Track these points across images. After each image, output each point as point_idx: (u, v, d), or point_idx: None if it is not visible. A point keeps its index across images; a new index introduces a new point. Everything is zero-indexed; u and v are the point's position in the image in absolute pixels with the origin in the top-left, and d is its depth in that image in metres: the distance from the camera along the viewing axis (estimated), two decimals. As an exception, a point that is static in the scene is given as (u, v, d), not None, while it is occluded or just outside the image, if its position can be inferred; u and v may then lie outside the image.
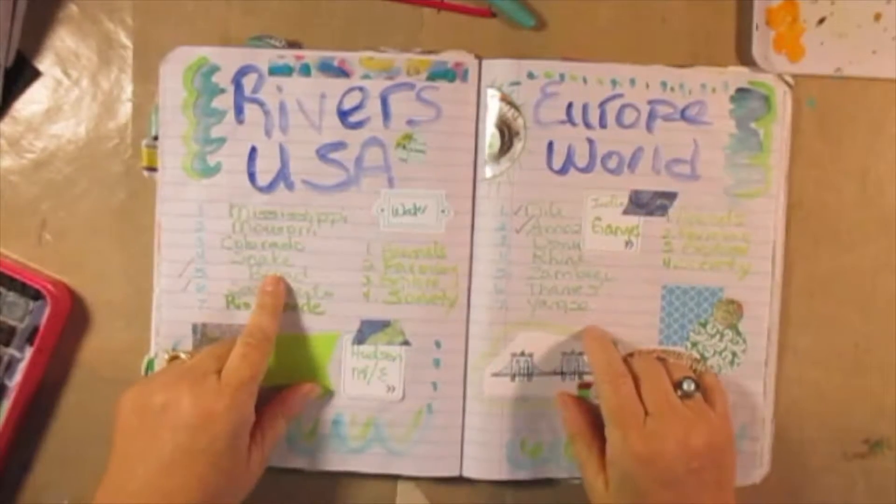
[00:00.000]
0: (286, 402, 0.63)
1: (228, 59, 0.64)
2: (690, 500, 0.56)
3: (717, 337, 0.65)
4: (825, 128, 0.66)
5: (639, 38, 0.66)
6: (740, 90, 0.65)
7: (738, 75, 0.65)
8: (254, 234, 0.64)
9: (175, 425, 0.55)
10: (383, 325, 0.65)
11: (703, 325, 0.65)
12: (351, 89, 0.64)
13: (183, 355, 0.61)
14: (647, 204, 0.65)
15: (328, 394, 0.65)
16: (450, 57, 0.64)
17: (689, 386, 0.59)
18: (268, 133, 0.64)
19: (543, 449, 0.65)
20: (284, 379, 0.65)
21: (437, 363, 0.65)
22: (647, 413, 0.58)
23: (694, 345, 0.65)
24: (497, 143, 0.64)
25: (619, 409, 0.58)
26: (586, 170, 0.64)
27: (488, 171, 0.64)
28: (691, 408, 0.58)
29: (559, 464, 0.65)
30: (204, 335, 0.65)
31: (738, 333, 0.65)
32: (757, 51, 0.64)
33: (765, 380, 0.65)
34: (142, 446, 0.55)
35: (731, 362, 0.65)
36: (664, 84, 0.64)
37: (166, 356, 0.63)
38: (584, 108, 0.64)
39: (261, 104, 0.64)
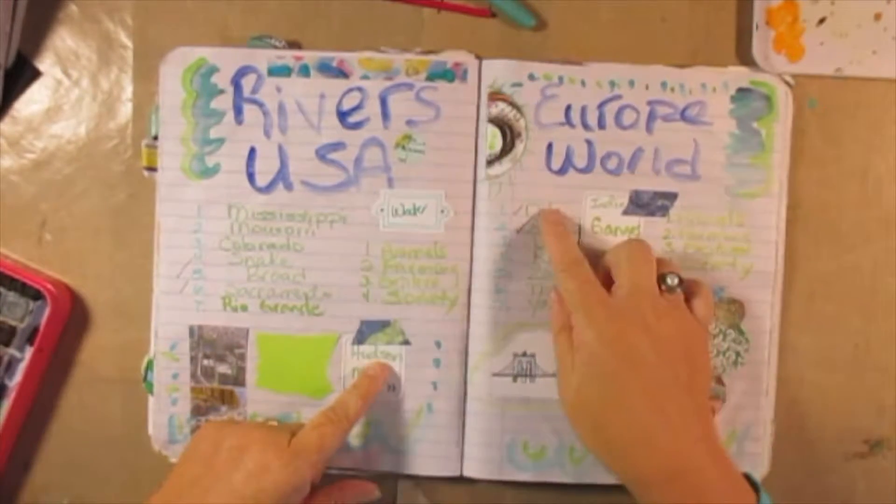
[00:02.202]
0: (343, 490, 0.63)
1: (227, 60, 0.64)
2: (662, 391, 0.54)
3: (721, 336, 0.65)
4: (826, 128, 0.66)
5: (639, 38, 0.66)
6: (741, 90, 0.65)
7: (739, 75, 0.65)
8: (252, 235, 0.64)
9: (233, 465, 0.55)
10: (383, 325, 0.65)
11: (705, 324, 0.65)
12: (350, 90, 0.64)
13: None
14: (647, 204, 0.65)
15: (384, 499, 0.66)
16: (449, 57, 0.64)
17: (672, 280, 0.58)
18: (267, 134, 0.64)
19: (548, 452, 0.65)
20: (283, 380, 0.65)
21: (437, 363, 0.65)
22: (617, 295, 0.57)
23: (696, 344, 0.65)
24: (498, 144, 0.64)
25: (577, 292, 0.57)
26: (585, 170, 0.64)
27: (489, 171, 0.64)
28: (668, 300, 0.57)
29: (564, 469, 0.65)
30: (201, 337, 0.65)
31: (741, 333, 0.65)
32: (757, 51, 0.64)
33: (766, 380, 0.65)
34: (197, 473, 0.56)
35: (735, 362, 0.65)
36: (664, 84, 0.64)
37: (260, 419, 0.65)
38: (583, 110, 0.64)
39: (260, 105, 0.64)
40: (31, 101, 0.66)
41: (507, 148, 0.64)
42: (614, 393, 0.54)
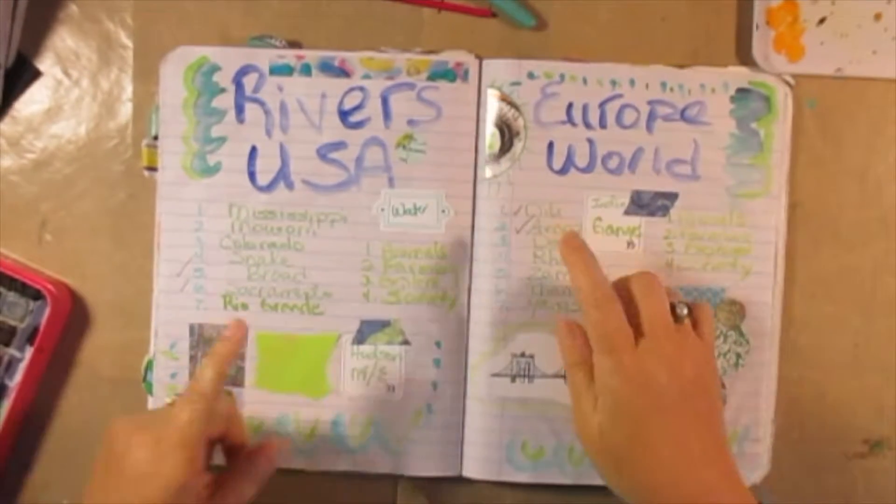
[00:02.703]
0: (254, 464, 0.58)
1: (229, 59, 0.64)
2: (686, 429, 0.53)
3: (721, 338, 0.65)
4: (826, 128, 0.66)
5: (639, 37, 0.66)
6: (741, 90, 0.65)
7: (738, 75, 0.65)
8: (253, 234, 0.64)
9: (119, 474, 0.53)
10: (383, 325, 0.65)
11: (706, 325, 0.65)
12: (351, 89, 0.64)
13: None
14: (648, 204, 0.65)
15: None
16: (450, 57, 0.64)
17: (682, 310, 0.56)
18: (268, 133, 0.64)
19: (546, 453, 0.65)
20: (283, 380, 0.65)
21: (437, 363, 0.65)
22: (640, 335, 0.54)
23: (697, 346, 0.65)
24: (497, 143, 0.64)
25: (609, 335, 0.54)
26: (586, 170, 0.64)
27: (488, 171, 0.64)
28: (682, 332, 0.56)
29: (563, 469, 0.65)
30: (201, 336, 0.65)
31: (742, 335, 0.65)
32: (757, 51, 0.64)
33: (766, 381, 0.65)
34: (101, 486, 0.54)
35: (736, 364, 0.65)
36: (664, 84, 0.64)
37: (168, 400, 0.62)
38: (584, 108, 0.64)
39: (261, 104, 0.64)
40: (31, 101, 0.66)
41: (505, 147, 0.64)
42: (641, 437, 0.53)
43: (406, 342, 0.65)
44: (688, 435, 0.53)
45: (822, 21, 0.66)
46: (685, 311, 0.56)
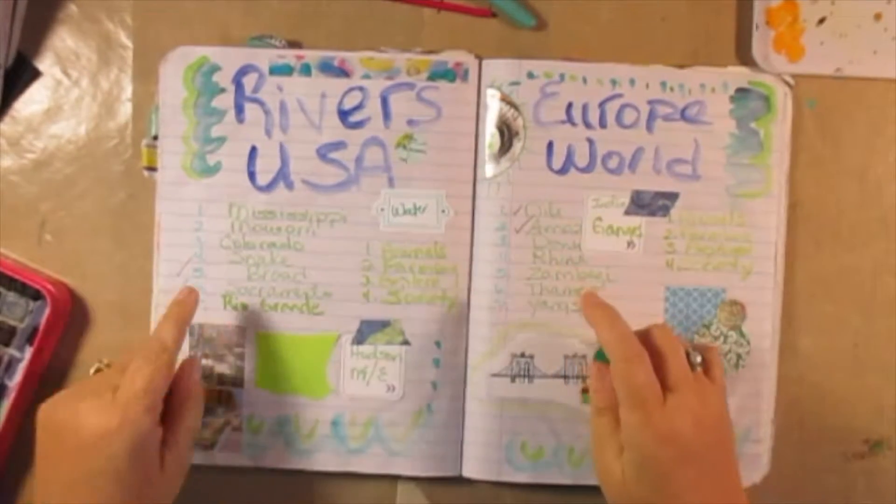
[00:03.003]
0: (183, 391, 0.59)
1: (229, 59, 0.64)
2: (709, 477, 0.54)
3: (722, 339, 0.65)
4: (825, 128, 0.66)
5: (639, 37, 0.66)
6: (740, 90, 0.65)
7: (738, 75, 0.65)
8: (252, 233, 0.64)
9: (75, 446, 0.53)
10: (383, 325, 0.65)
11: (707, 326, 0.65)
12: (351, 89, 0.64)
13: (105, 369, 0.60)
14: (648, 204, 0.65)
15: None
16: (450, 57, 0.64)
17: (696, 358, 0.57)
18: (268, 133, 0.64)
19: (545, 453, 0.65)
20: (283, 380, 0.65)
21: (437, 363, 0.65)
22: (666, 388, 0.55)
23: (698, 347, 0.65)
24: (497, 143, 0.64)
25: (639, 390, 0.54)
26: (586, 170, 0.64)
27: (488, 170, 0.64)
28: (701, 382, 0.56)
29: (562, 470, 0.65)
30: (201, 336, 0.65)
31: (742, 335, 0.65)
32: (757, 51, 0.64)
33: (767, 381, 0.65)
34: (51, 465, 0.54)
35: (736, 365, 0.65)
36: (664, 84, 0.65)
37: (92, 370, 0.60)
38: (584, 107, 0.64)
39: (261, 104, 0.64)
40: (31, 101, 0.66)
41: (505, 147, 0.64)
42: (666, 489, 0.53)
43: (406, 342, 0.65)
44: (711, 486, 0.54)
45: (821, 21, 0.66)
46: (699, 359, 0.57)
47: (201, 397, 0.60)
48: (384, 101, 0.64)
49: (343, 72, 0.64)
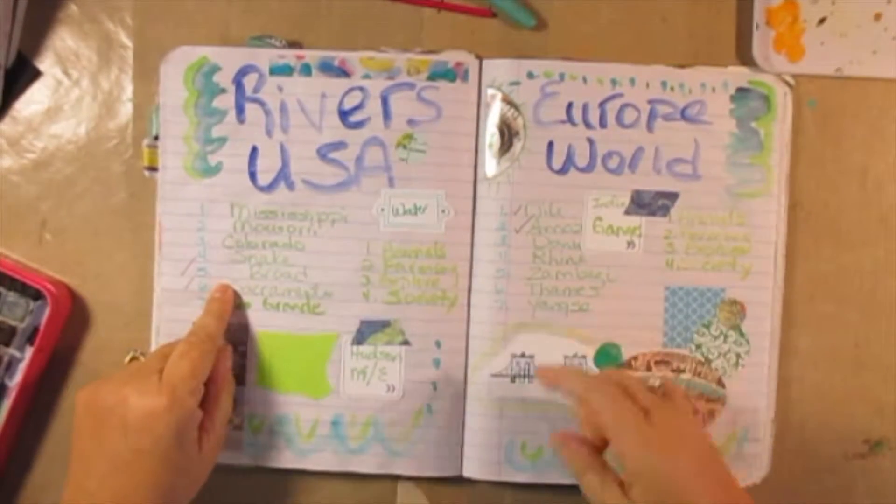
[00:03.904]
0: (219, 381, 0.61)
1: (229, 59, 0.64)
2: (716, 481, 0.54)
3: (721, 339, 0.65)
4: (826, 128, 0.66)
5: (639, 37, 0.66)
6: (740, 90, 0.65)
7: (739, 75, 0.65)
8: (254, 233, 0.64)
9: (122, 426, 0.55)
10: (383, 325, 0.65)
11: (707, 326, 0.65)
12: (351, 89, 0.64)
13: (142, 358, 0.63)
14: (648, 204, 0.65)
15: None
16: (450, 57, 0.64)
17: (654, 381, 0.59)
18: (268, 133, 0.64)
19: (545, 453, 0.65)
20: (283, 379, 0.65)
21: (437, 363, 0.65)
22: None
23: (698, 347, 0.65)
24: (497, 143, 0.64)
25: (623, 413, 0.54)
26: (587, 170, 0.64)
27: (488, 170, 0.64)
28: (665, 399, 0.57)
29: (562, 470, 0.65)
30: (204, 334, 0.65)
31: (742, 335, 0.65)
32: (757, 51, 0.64)
33: (766, 381, 0.65)
34: (95, 446, 0.56)
35: (736, 364, 0.65)
36: (664, 84, 0.65)
37: (127, 359, 0.64)
38: (584, 107, 0.64)
39: (261, 104, 0.64)
40: (31, 101, 0.66)
41: (505, 147, 0.64)
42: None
43: (406, 342, 0.65)
44: (720, 487, 0.54)
45: (822, 21, 0.66)
46: (658, 382, 0.60)
47: (233, 384, 0.63)
48: (384, 101, 0.64)
49: (343, 72, 0.64)
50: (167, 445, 0.55)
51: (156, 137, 0.65)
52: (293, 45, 0.65)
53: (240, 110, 0.64)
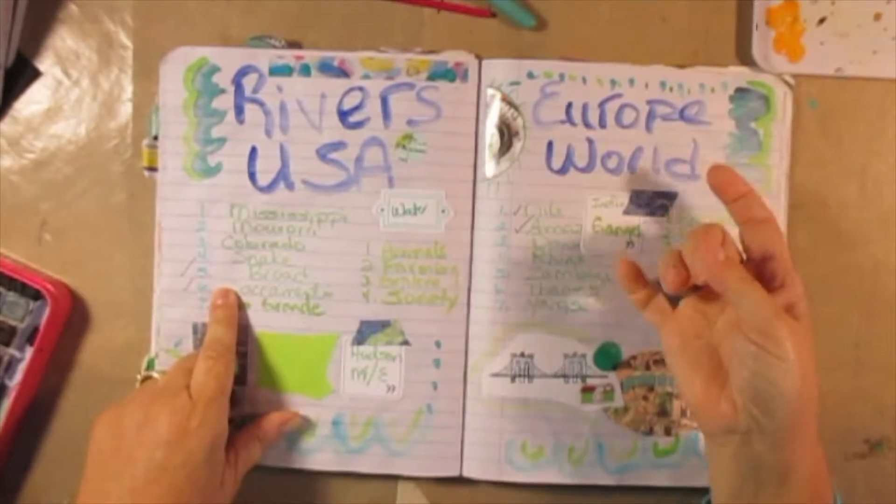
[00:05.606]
0: (262, 428, 0.63)
1: (228, 60, 0.64)
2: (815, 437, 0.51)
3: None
4: (826, 128, 0.66)
5: (639, 37, 0.66)
6: (740, 90, 0.65)
7: (738, 75, 0.65)
8: (254, 233, 0.64)
9: (151, 443, 0.55)
10: (383, 325, 0.65)
11: (707, 326, 0.65)
12: (351, 89, 0.64)
13: (156, 375, 0.63)
14: (647, 204, 0.65)
15: (307, 424, 0.65)
16: (450, 57, 0.64)
17: None
18: (268, 133, 0.64)
19: (545, 453, 0.65)
20: (283, 379, 0.65)
21: (437, 363, 0.65)
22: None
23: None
24: (497, 143, 0.64)
25: (778, 312, 0.48)
26: (586, 170, 0.64)
27: (488, 170, 0.64)
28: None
29: (562, 469, 0.65)
30: (204, 335, 0.64)
31: (741, 334, 0.65)
32: (757, 51, 0.64)
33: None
34: (116, 467, 0.55)
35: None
36: (663, 84, 0.64)
37: (139, 377, 0.64)
38: (584, 107, 0.64)
39: (261, 104, 0.64)
40: (31, 101, 0.66)
41: (505, 147, 0.64)
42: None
43: (406, 342, 0.65)
44: (813, 438, 0.52)
45: (822, 21, 0.66)
46: None
47: (269, 437, 0.64)
48: (384, 101, 0.64)
49: (343, 72, 0.64)
50: (197, 462, 0.56)
51: (155, 138, 0.65)
52: (293, 45, 0.65)
53: (239, 111, 0.64)
